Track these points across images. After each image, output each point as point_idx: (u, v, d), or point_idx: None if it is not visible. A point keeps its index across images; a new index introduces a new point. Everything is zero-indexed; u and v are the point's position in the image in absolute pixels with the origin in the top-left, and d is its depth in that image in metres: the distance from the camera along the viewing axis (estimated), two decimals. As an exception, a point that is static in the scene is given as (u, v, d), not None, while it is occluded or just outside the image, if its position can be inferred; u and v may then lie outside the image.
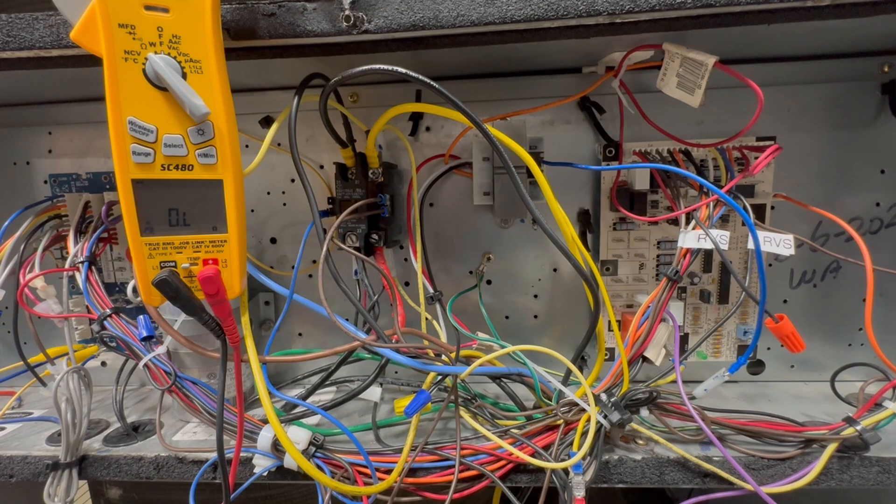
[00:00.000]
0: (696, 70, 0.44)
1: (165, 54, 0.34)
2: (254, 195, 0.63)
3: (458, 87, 0.58)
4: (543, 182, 0.44)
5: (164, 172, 0.36)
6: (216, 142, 0.36)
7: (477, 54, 0.49)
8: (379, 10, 0.39)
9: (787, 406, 0.55)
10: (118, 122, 0.35)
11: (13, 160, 0.65)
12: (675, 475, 0.45)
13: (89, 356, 0.59)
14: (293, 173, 0.62)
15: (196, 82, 0.35)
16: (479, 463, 0.45)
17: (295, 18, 0.39)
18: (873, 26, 0.44)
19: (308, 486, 0.46)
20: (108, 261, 0.64)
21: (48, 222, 0.56)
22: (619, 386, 0.47)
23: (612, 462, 0.45)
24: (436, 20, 0.38)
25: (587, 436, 0.43)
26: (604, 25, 0.39)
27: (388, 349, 0.46)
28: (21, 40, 0.41)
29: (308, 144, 0.61)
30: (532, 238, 0.61)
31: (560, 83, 0.57)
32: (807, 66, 0.55)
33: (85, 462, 0.49)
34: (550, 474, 0.43)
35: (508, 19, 0.38)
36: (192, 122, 0.35)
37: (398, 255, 0.63)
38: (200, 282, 0.37)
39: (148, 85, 0.35)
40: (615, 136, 0.56)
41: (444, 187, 0.61)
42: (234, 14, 0.39)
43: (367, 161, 0.52)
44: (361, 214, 0.51)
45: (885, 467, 0.44)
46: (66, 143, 0.64)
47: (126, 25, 0.34)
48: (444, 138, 0.60)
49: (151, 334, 0.48)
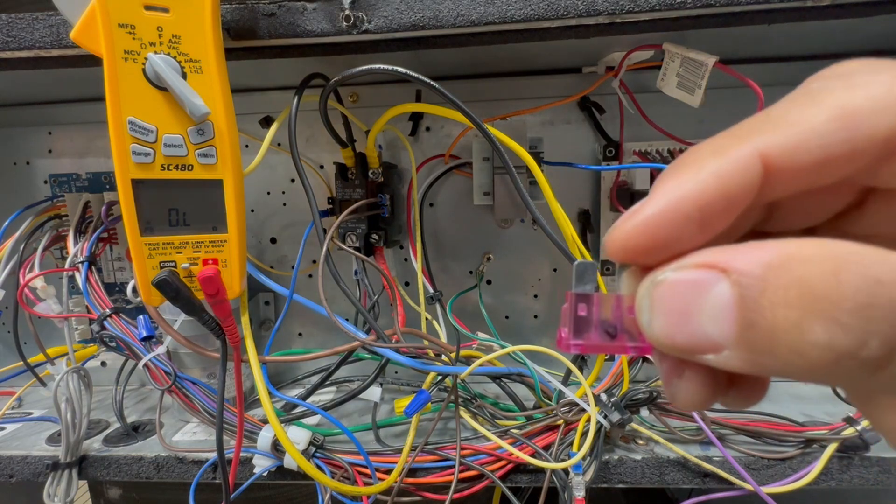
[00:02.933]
0: (697, 70, 0.44)
1: (165, 54, 0.34)
2: (254, 195, 0.63)
3: (457, 86, 0.58)
4: (543, 182, 0.44)
5: (163, 172, 0.36)
6: (216, 142, 0.36)
7: (477, 54, 0.49)
8: (379, 10, 0.39)
9: (787, 406, 0.55)
10: (118, 122, 0.35)
11: (13, 160, 0.65)
12: (675, 475, 0.45)
13: (89, 356, 0.59)
14: (293, 173, 0.62)
15: (196, 82, 0.35)
16: (479, 463, 0.44)
17: (295, 18, 0.39)
18: (873, 26, 0.44)
19: (308, 486, 0.46)
20: (107, 261, 0.64)
21: (48, 222, 0.56)
22: (620, 386, 0.47)
23: (612, 462, 0.45)
24: (436, 20, 0.38)
25: (587, 436, 0.43)
26: (604, 25, 0.39)
27: (388, 349, 0.46)
28: (21, 40, 0.41)
29: (308, 144, 0.61)
30: (532, 238, 0.61)
31: (560, 83, 0.57)
32: (807, 66, 0.55)
33: (85, 462, 0.49)
34: (550, 474, 0.43)
35: (508, 19, 0.38)
36: (191, 122, 0.35)
37: (398, 255, 0.63)
38: (200, 282, 0.37)
39: (148, 85, 0.35)
40: (615, 136, 0.56)
41: (444, 187, 0.61)
42: (234, 14, 0.39)
43: (367, 161, 0.52)
44: (361, 214, 0.51)
45: (886, 467, 0.44)
46: (66, 143, 0.64)
47: (126, 25, 0.34)
48: (444, 138, 0.60)
49: (151, 334, 0.48)
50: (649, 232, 0.14)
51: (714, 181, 0.13)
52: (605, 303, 0.15)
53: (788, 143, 0.13)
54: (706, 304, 0.12)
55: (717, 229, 0.14)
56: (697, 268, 0.13)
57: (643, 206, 0.14)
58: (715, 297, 0.12)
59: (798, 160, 0.13)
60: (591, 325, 0.15)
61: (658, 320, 0.13)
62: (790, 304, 0.11)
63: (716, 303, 0.12)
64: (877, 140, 0.12)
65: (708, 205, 0.13)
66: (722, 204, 0.13)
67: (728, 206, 0.14)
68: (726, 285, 0.12)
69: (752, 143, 0.13)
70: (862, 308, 0.11)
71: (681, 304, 0.13)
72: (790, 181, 0.14)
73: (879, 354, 0.11)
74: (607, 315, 0.15)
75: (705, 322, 0.13)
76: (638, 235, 0.14)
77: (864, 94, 0.13)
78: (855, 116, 0.13)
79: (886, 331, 0.11)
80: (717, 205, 0.13)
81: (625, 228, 0.14)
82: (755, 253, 0.12)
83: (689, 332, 0.13)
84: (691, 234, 0.14)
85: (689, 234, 0.14)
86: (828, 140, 0.13)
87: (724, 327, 0.12)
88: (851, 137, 0.13)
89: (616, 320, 0.15)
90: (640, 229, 0.14)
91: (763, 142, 0.13)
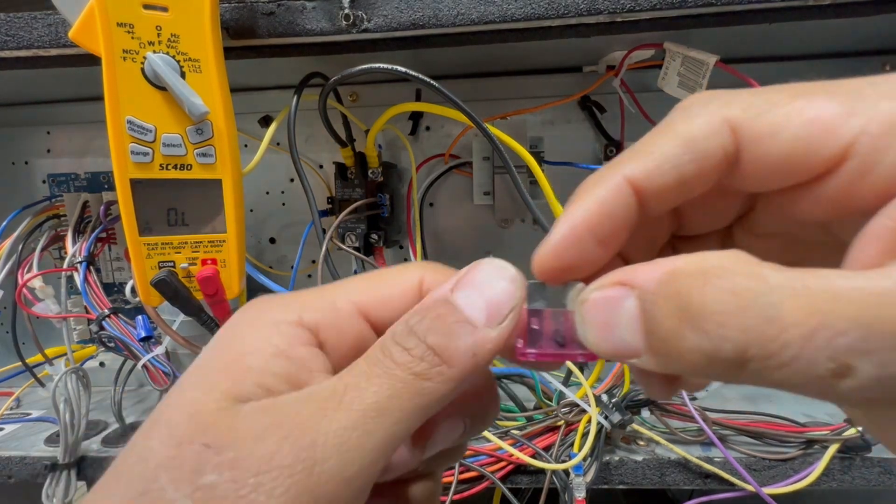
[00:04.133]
0: (698, 69, 0.43)
1: (164, 53, 0.34)
2: (253, 195, 0.62)
3: (457, 86, 0.58)
4: (544, 182, 0.44)
5: (162, 172, 0.36)
6: (215, 141, 0.36)
7: (477, 53, 0.49)
8: (378, 9, 0.39)
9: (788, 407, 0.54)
10: (117, 121, 0.35)
11: (12, 160, 0.64)
12: (677, 476, 0.45)
13: (88, 357, 0.59)
14: (292, 173, 0.62)
15: (195, 81, 0.35)
16: (480, 464, 0.44)
17: (294, 17, 0.39)
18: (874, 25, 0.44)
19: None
20: (106, 261, 0.64)
21: (46, 222, 0.56)
22: (621, 386, 0.47)
23: (612, 463, 0.45)
24: (436, 19, 0.38)
25: (588, 437, 0.43)
26: (604, 24, 0.39)
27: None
28: (20, 39, 0.41)
29: (307, 144, 0.61)
30: (533, 238, 0.61)
31: (560, 82, 0.57)
32: (808, 65, 0.55)
33: (83, 463, 0.49)
34: (551, 475, 0.43)
35: (509, 18, 0.38)
36: (190, 121, 0.35)
37: (398, 255, 0.63)
38: (199, 282, 0.37)
39: (147, 84, 0.35)
40: (616, 136, 0.56)
41: (444, 187, 0.61)
42: (233, 13, 0.39)
43: (367, 161, 0.52)
44: (361, 214, 0.51)
45: (887, 468, 0.44)
46: (64, 143, 0.64)
47: (125, 24, 0.34)
48: (444, 138, 0.60)
49: (150, 335, 0.48)
50: (558, 255, 0.16)
51: (596, 206, 0.16)
52: (554, 317, 0.17)
53: (647, 168, 0.16)
54: (621, 316, 0.14)
55: (616, 244, 0.17)
56: (612, 286, 0.15)
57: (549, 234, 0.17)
58: (626, 310, 0.14)
59: (658, 181, 0.16)
60: (543, 336, 0.17)
61: (590, 333, 0.15)
62: (672, 314, 0.13)
63: (628, 315, 0.14)
64: (716, 157, 0.15)
65: (596, 226, 0.16)
66: (608, 223, 0.16)
67: (613, 225, 0.16)
68: (632, 300, 0.14)
69: (621, 171, 0.16)
70: (717, 315, 0.12)
71: (603, 317, 0.15)
72: (662, 197, 0.16)
73: (733, 357, 0.12)
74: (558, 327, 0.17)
75: (623, 332, 0.14)
76: (550, 259, 0.16)
77: (699, 122, 0.15)
78: (694, 141, 0.15)
79: (736, 336, 0.12)
80: (604, 225, 0.16)
81: (539, 255, 0.17)
82: (652, 269, 0.14)
83: (613, 342, 0.15)
84: (593, 251, 0.16)
85: (590, 252, 0.16)
86: (677, 162, 0.15)
87: (636, 336, 0.14)
88: (694, 158, 0.15)
89: (565, 332, 0.17)
90: (551, 254, 0.16)
91: (629, 169, 0.16)
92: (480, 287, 0.17)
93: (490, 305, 0.16)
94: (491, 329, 0.16)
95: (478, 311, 0.16)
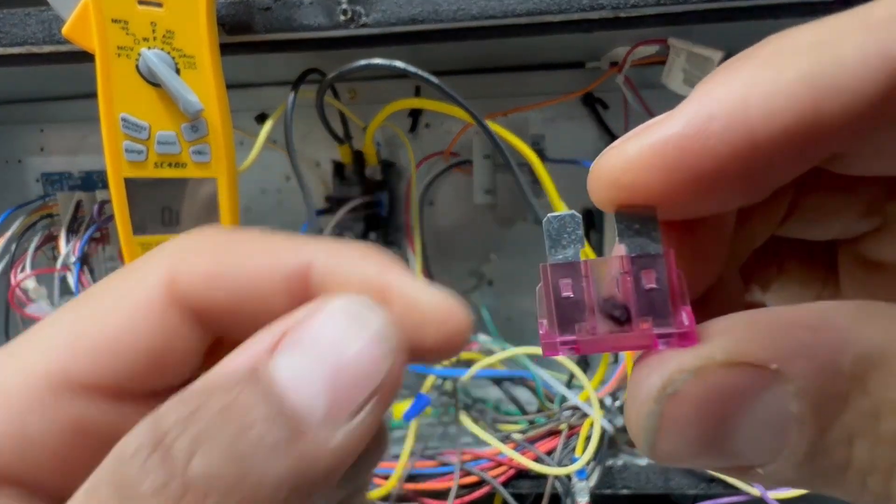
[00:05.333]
0: (702, 65, 0.43)
1: (159, 49, 0.34)
2: (248, 193, 0.62)
3: (458, 82, 0.56)
4: (546, 180, 0.43)
5: (157, 170, 0.35)
6: (210, 139, 0.36)
7: (477, 49, 0.48)
8: (377, 4, 0.38)
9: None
10: (110, 118, 0.34)
11: (5, 158, 0.64)
12: (681, 480, 0.44)
13: (83, 358, 0.58)
14: (289, 171, 0.61)
15: (190, 78, 0.34)
16: (481, 468, 0.44)
17: (291, 13, 0.38)
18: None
19: (305, 492, 0.45)
20: (100, 261, 0.63)
21: (40, 221, 0.55)
22: (624, 389, 0.47)
23: (616, 468, 0.45)
24: (435, 14, 0.38)
25: (591, 441, 0.43)
26: (607, 20, 0.39)
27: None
28: (12, 36, 0.40)
29: (304, 141, 0.60)
30: (535, 238, 0.60)
31: (563, 79, 0.56)
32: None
33: (77, 467, 0.48)
34: (553, 480, 0.43)
35: (510, 13, 0.37)
36: (185, 118, 0.35)
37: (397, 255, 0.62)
38: (194, 283, 0.36)
39: (141, 81, 0.34)
40: (620, 133, 0.55)
41: (444, 185, 0.60)
42: (229, 8, 0.39)
43: (365, 158, 0.51)
44: (359, 213, 0.51)
45: (895, 471, 0.43)
46: (58, 141, 0.63)
47: (119, 21, 0.33)
48: (444, 135, 0.59)
49: (145, 336, 0.47)
50: (678, 159, 0.09)
51: (806, 91, 0.08)
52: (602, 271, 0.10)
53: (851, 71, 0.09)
54: (755, 418, 0.09)
55: (773, 185, 0.10)
56: (729, 366, 0.09)
57: (670, 117, 0.09)
58: (768, 408, 0.09)
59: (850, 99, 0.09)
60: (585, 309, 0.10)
61: (673, 441, 0.10)
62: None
63: (767, 416, 0.09)
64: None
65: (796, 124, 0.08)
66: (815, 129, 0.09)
67: (817, 135, 0.09)
68: (781, 392, 0.09)
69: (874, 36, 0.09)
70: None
71: (710, 420, 0.09)
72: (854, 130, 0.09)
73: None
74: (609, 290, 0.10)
75: (757, 440, 0.09)
76: (655, 165, 0.09)
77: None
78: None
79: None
80: (810, 129, 0.09)
81: (629, 151, 0.09)
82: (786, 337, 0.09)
83: (726, 454, 0.10)
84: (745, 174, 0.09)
85: (741, 171, 0.09)
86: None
87: (777, 442, 0.09)
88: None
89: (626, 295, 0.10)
90: (664, 150, 0.09)
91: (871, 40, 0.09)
92: (320, 348, 0.10)
93: (335, 384, 0.09)
94: (334, 429, 0.09)
95: (311, 397, 0.09)
